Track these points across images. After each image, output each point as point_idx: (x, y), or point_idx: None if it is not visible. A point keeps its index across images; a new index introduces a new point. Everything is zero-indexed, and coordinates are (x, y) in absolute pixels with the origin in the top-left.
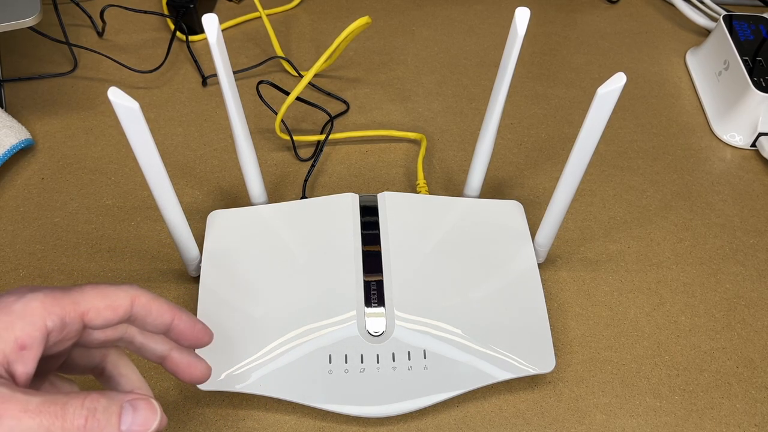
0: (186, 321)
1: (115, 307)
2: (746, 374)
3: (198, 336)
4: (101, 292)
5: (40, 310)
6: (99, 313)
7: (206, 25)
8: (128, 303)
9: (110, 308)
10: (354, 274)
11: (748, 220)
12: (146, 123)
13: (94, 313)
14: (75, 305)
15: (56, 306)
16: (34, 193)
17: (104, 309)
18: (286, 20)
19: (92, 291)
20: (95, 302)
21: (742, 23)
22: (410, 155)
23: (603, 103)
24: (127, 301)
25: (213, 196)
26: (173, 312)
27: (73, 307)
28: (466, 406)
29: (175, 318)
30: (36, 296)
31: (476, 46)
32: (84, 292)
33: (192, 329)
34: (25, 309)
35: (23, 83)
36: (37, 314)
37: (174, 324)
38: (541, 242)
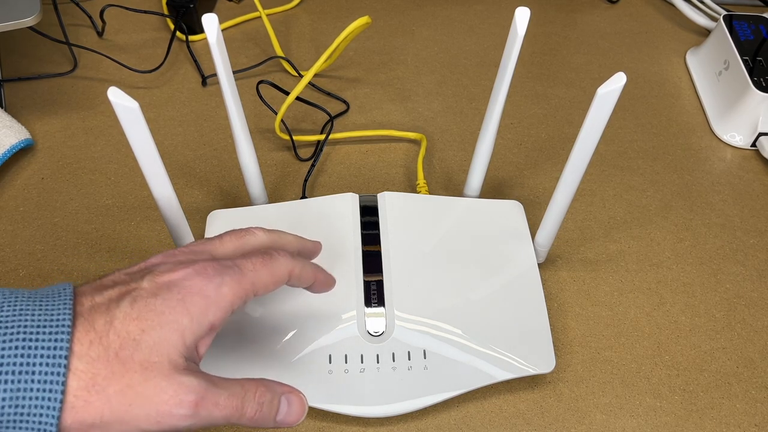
0: (323, 277)
1: (278, 281)
2: (746, 374)
3: (329, 285)
4: (270, 271)
5: (230, 296)
6: (267, 288)
7: (206, 25)
8: (287, 276)
9: (274, 283)
10: (354, 274)
11: (749, 220)
12: (146, 123)
13: (263, 289)
14: (253, 286)
15: (241, 291)
16: (33, 193)
17: (271, 284)
18: (285, 20)
19: (263, 270)
20: (266, 281)
21: (743, 23)
22: (410, 155)
23: (603, 103)
24: (287, 275)
25: (213, 196)
26: (315, 273)
27: (251, 289)
28: (466, 406)
29: (317, 278)
30: (225, 281)
31: (476, 45)
32: (257, 272)
33: (327, 283)
34: (218, 295)
35: (23, 83)
36: (228, 300)
37: (315, 283)
38: (541, 242)
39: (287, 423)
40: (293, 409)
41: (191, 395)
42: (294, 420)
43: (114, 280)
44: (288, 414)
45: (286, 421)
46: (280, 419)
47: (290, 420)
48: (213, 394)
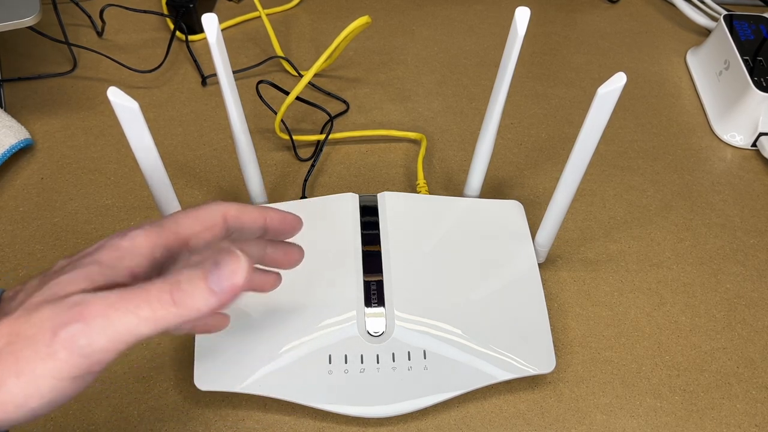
0: (276, 217)
1: (210, 226)
2: (747, 374)
3: (291, 225)
4: (193, 217)
5: (147, 244)
6: (199, 237)
7: (206, 25)
8: (221, 220)
9: (207, 229)
10: (354, 274)
11: (749, 220)
12: (146, 123)
13: (195, 238)
14: (175, 234)
15: (159, 238)
16: (33, 193)
17: (202, 232)
18: (285, 20)
19: (185, 218)
20: (192, 227)
21: (743, 23)
22: (410, 155)
23: (603, 103)
24: (219, 218)
25: (212, 196)
26: (263, 213)
27: (174, 236)
28: (467, 407)
29: (267, 218)
30: (139, 233)
31: (476, 45)
32: (178, 221)
33: (283, 222)
34: (133, 244)
35: (23, 83)
36: (145, 247)
37: (267, 223)
38: (541, 242)
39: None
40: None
41: None
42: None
43: None
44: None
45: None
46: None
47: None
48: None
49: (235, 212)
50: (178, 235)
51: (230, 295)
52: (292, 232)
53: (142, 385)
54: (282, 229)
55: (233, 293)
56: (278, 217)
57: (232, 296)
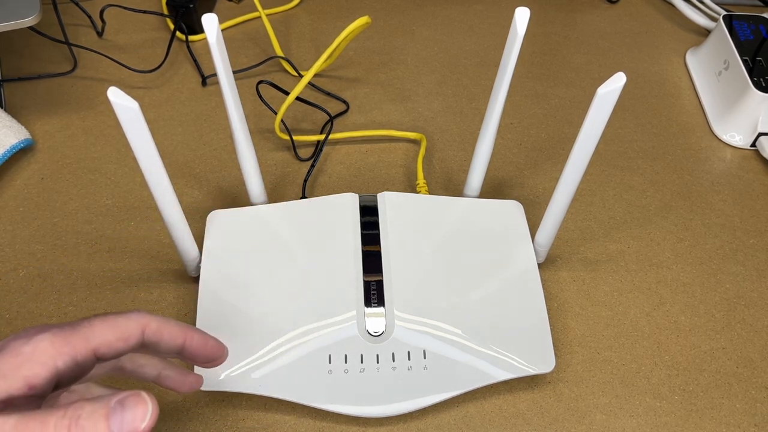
0: (198, 340)
1: (126, 338)
2: (746, 374)
3: (212, 353)
4: (111, 325)
5: (51, 351)
6: (110, 346)
7: (206, 25)
8: (139, 332)
9: (121, 340)
10: (354, 274)
11: (748, 220)
12: (146, 123)
13: (106, 347)
14: (86, 342)
15: (66, 346)
16: (33, 193)
17: (115, 342)
18: (285, 20)
19: (101, 324)
20: (106, 336)
21: (742, 23)
22: (410, 155)
23: (603, 103)
24: (137, 330)
25: (213, 196)
26: (184, 333)
27: (84, 345)
28: (466, 406)
29: (187, 339)
30: (45, 337)
31: (476, 45)
32: (93, 326)
33: (204, 347)
34: (35, 351)
35: (23, 83)
36: (48, 355)
37: (186, 345)
38: (541, 242)
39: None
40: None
41: None
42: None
43: None
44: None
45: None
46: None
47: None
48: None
49: (156, 327)
50: (87, 344)
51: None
52: (211, 360)
53: (141, 385)
54: (201, 354)
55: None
56: (200, 340)
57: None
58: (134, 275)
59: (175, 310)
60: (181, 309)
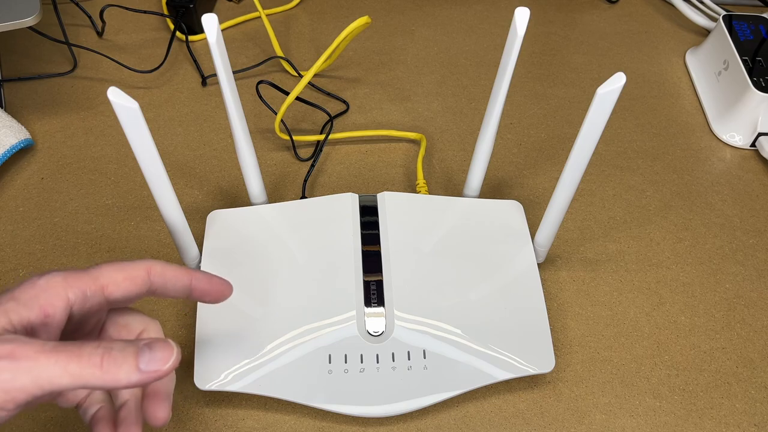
0: (203, 279)
1: (133, 278)
2: (746, 374)
3: (218, 289)
4: (117, 267)
5: (63, 284)
6: (118, 285)
7: (206, 25)
8: (145, 273)
9: (128, 279)
10: (354, 274)
11: (748, 220)
12: (146, 123)
13: (114, 286)
14: (95, 280)
15: (77, 281)
16: (33, 193)
17: (122, 281)
18: (285, 20)
19: (109, 267)
20: (113, 276)
21: (742, 23)
22: (410, 155)
23: (602, 103)
24: (143, 271)
25: (212, 196)
26: (189, 274)
27: (92, 282)
28: (466, 406)
29: (193, 279)
30: (58, 273)
31: (476, 46)
32: (101, 268)
33: (210, 284)
34: (48, 283)
35: (23, 83)
36: (60, 287)
37: (193, 285)
38: (540, 242)
39: (154, 369)
40: (157, 354)
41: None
42: (162, 364)
43: None
44: (152, 359)
45: (152, 368)
46: (144, 367)
47: (157, 366)
48: (34, 343)
49: (160, 269)
50: (96, 281)
51: (153, 378)
52: (220, 297)
53: None
54: (209, 292)
55: (156, 377)
56: (204, 278)
57: (153, 379)
58: None
59: (174, 310)
60: (180, 309)
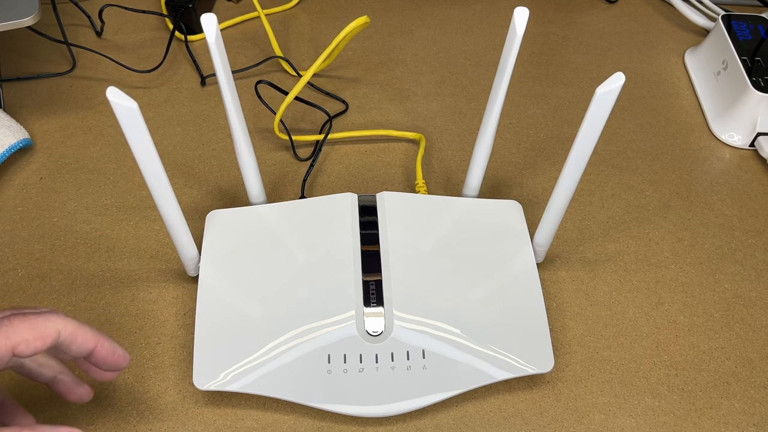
0: (108, 348)
1: (44, 337)
2: (745, 374)
3: (117, 361)
4: (30, 324)
5: None
6: (29, 344)
7: (205, 25)
8: (56, 333)
9: (39, 339)
10: (353, 273)
11: (747, 220)
12: (145, 123)
13: (24, 345)
14: (7, 340)
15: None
16: (32, 193)
17: (33, 340)
18: (284, 20)
19: (21, 324)
20: (25, 334)
21: (741, 23)
22: (409, 155)
23: (602, 103)
24: (54, 331)
25: (212, 196)
26: (96, 339)
27: (4, 342)
28: (465, 406)
29: (98, 345)
30: None
31: (475, 45)
32: (13, 325)
33: (113, 356)
34: None
35: (22, 83)
36: None
37: (96, 350)
38: (539, 242)
39: None
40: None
41: None
42: None
43: None
44: None
45: None
46: None
47: None
48: None
49: (72, 329)
50: (8, 341)
51: None
52: (116, 367)
53: (141, 385)
54: (109, 361)
55: None
56: (110, 348)
57: None
58: (133, 275)
59: (174, 310)
60: (180, 309)
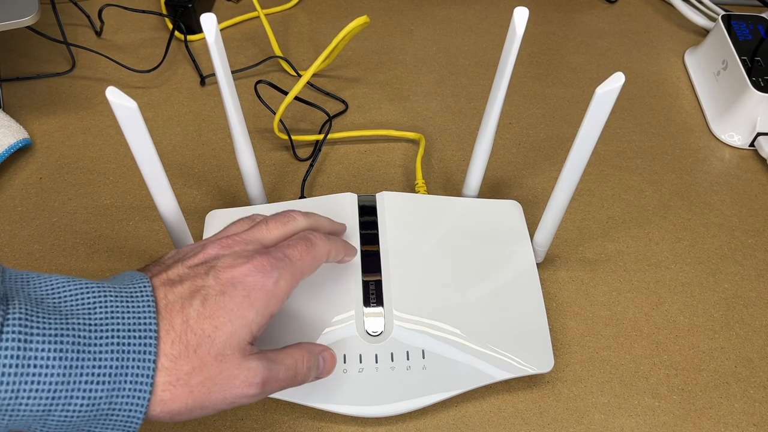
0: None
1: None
2: (745, 374)
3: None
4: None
5: (286, 287)
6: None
7: (204, 25)
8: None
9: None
10: (352, 273)
11: (747, 220)
12: (144, 123)
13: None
14: (302, 273)
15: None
16: (32, 193)
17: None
18: (284, 20)
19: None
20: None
21: (741, 23)
22: (409, 155)
23: (601, 103)
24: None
25: (211, 196)
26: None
27: (301, 276)
28: (465, 406)
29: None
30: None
31: (475, 45)
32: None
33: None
34: (277, 288)
35: (21, 83)
36: (285, 291)
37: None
38: (539, 242)
39: (322, 377)
40: (327, 366)
41: (258, 377)
42: (327, 373)
43: (179, 274)
44: (324, 370)
45: (322, 377)
46: (318, 375)
47: (324, 375)
48: (274, 372)
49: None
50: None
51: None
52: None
53: None
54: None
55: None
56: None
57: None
58: None
59: None
60: None
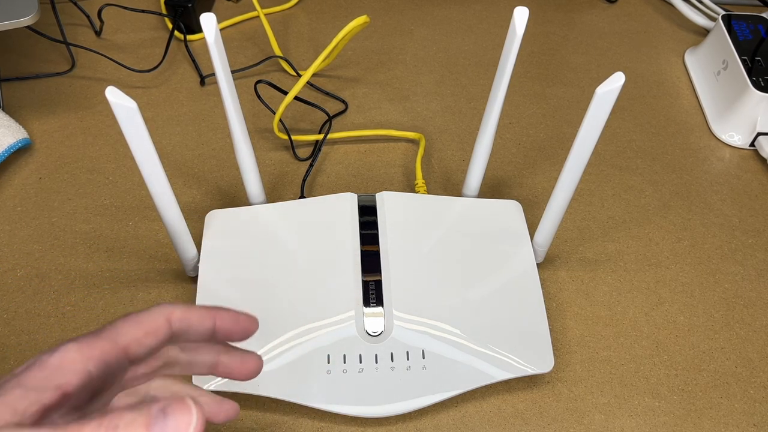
0: (228, 318)
1: (154, 331)
2: (745, 374)
3: (244, 327)
4: (135, 322)
5: (79, 358)
6: (140, 342)
7: (204, 25)
8: (165, 323)
9: (150, 334)
10: (352, 273)
11: (747, 220)
12: (144, 122)
13: (136, 344)
14: (113, 343)
15: (95, 350)
16: (31, 193)
17: (144, 337)
18: (284, 20)
19: (124, 323)
20: (132, 333)
21: (741, 23)
22: (409, 155)
23: (602, 103)
24: (162, 321)
25: (211, 196)
26: (212, 314)
27: (111, 346)
28: (465, 406)
29: (216, 319)
30: (71, 346)
31: (475, 45)
32: (116, 327)
33: (236, 323)
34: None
35: (21, 83)
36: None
37: (217, 326)
38: (539, 242)
39: None
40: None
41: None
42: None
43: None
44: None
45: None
46: None
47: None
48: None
49: (181, 314)
50: (116, 344)
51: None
52: (245, 335)
53: None
54: (234, 331)
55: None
56: (230, 317)
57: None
58: (132, 275)
59: None
60: None
